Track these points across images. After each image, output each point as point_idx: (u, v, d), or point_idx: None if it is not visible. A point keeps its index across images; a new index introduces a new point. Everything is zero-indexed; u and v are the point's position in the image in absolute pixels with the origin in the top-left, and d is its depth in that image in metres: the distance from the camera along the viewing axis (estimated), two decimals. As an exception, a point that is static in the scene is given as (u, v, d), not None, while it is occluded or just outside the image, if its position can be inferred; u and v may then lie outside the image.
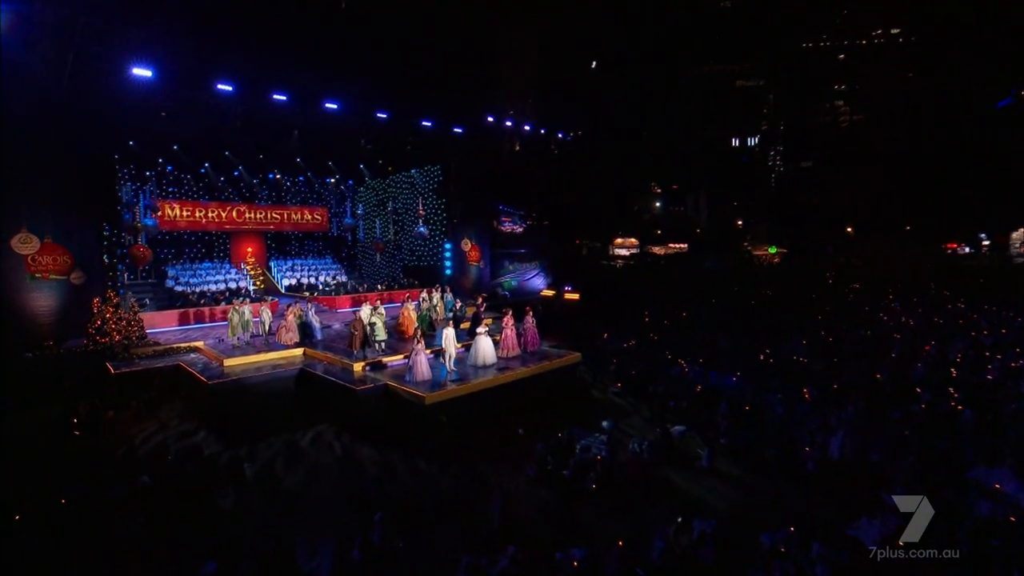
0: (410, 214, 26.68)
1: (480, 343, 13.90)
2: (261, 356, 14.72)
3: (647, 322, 24.51)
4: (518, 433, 11.53)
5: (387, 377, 12.87)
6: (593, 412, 13.88)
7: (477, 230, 26.38)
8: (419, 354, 12.50)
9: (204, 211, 24.70)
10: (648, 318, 25.17)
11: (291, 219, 27.56)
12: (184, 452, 10.71)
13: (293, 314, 16.05)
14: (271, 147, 20.08)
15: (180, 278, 23.08)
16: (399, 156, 24.44)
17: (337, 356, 14.33)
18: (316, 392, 13.50)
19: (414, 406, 11.64)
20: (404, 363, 14.07)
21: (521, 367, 13.91)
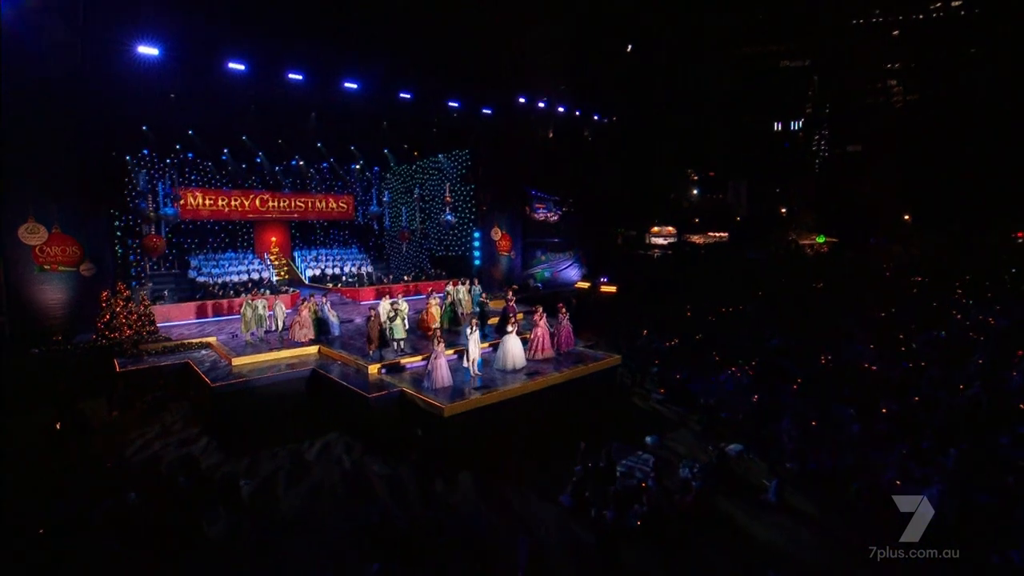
0: (437, 201, 25.38)
1: (508, 344, 12.47)
2: (272, 355, 13.69)
3: (689, 318, 22.68)
4: (550, 452, 10.07)
5: (404, 382, 11.60)
6: (634, 423, 12.33)
7: (508, 218, 24.90)
8: (439, 357, 11.17)
9: (227, 200, 23.99)
10: (690, 313, 23.31)
11: (315, 207, 26.67)
12: (179, 463, 9.71)
13: (308, 309, 14.98)
14: (289, 131, 19.04)
15: (203, 268, 22.47)
16: (425, 140, 23.10)
17: (352, 356, 13.16)
18: (328, 397, 12.37)
19: (431, 417, 10.32)
20: (424, 365, 12.81)
21: (553, 371, 12.42)
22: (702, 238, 54.49)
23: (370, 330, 12.83)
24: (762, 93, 79.07)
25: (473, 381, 11.65)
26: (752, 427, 11.72)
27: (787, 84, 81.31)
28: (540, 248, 27.07)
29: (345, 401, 11.58)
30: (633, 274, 30.16)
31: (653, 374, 15.06)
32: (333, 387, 12.01)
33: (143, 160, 21.08)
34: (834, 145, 79.91)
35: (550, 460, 9.91)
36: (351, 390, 11.24)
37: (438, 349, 11.19)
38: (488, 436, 10.47)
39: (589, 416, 12.09)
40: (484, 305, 15.88)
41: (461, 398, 10.58)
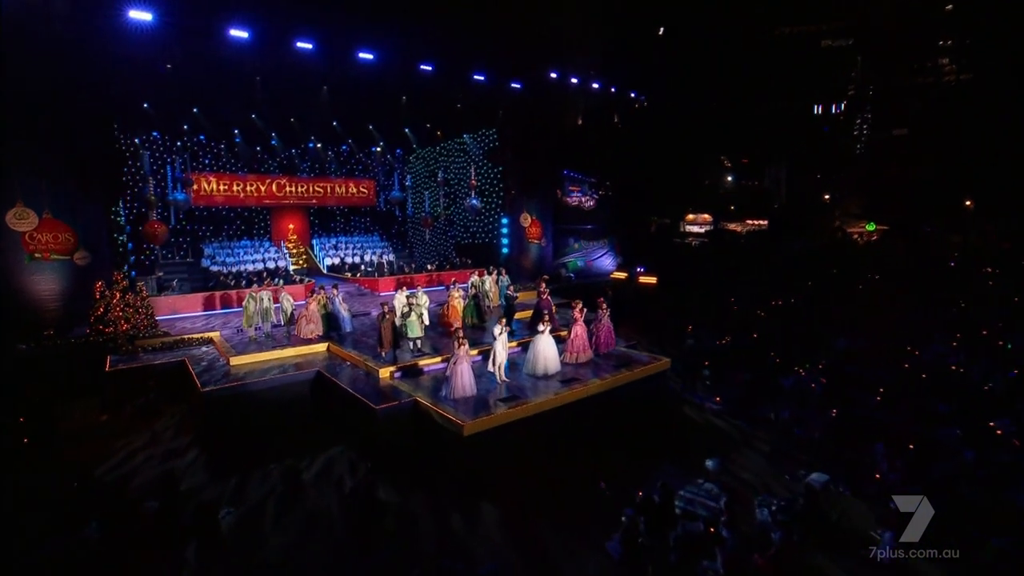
0: (462, 185, 23.67)
1: (540, 345, 10.72)
2: (275, 353, 12.27)
3: (735, 312, 20.50)
4: (592, 481, 8.31)
5: (420, 390, 9.99)
6: (689, 440, 10.46)
7: (538, 203, 23.01)
8: (461, 362, 9.49)
9: (242, 185, 22.81)
10: (736, 307, 21.09)
11: (335, 192, 25.30)
12: (156, 484, 8.33)
13: (316, 302, 13.51)
14: (301, 108, 17.57)
15: (217, 257, 21.38)
16: (448, 118, 21.31)
17: (362, 357, 11.62)
18: (333, 404, 10.85)
19: (449, 435, 8.66)
20: (444, 368, 11.17)
21: (593, 378, 10.62)
22: (740, 226, 51.51)
23: (382, 329, 11.24)
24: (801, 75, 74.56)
25: (499, 390, 9.96)
26: (834, 449, 9.72)
27: (828, 65, 76.50)
28: (573, 235, 25.13)
29: (351, 411, 10.03)
30: (671, 264, 27.97)
31: (704, 378, 13.09)
32: (338, 393, 10.48)
33: (152, 143, 19.98)
34: (878, 129, 74.96)
35: (592, 491, 8.16)
36: (357, 399, 9.66)
37: (459, 352, 9.51)
38: (517, 459, 8.76)
39: (636, 432, 10.25)
40: (512, 298, 14.12)
41: (485, 411, 8.88)
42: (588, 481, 8.47)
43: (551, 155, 23.13)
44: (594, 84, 23.93)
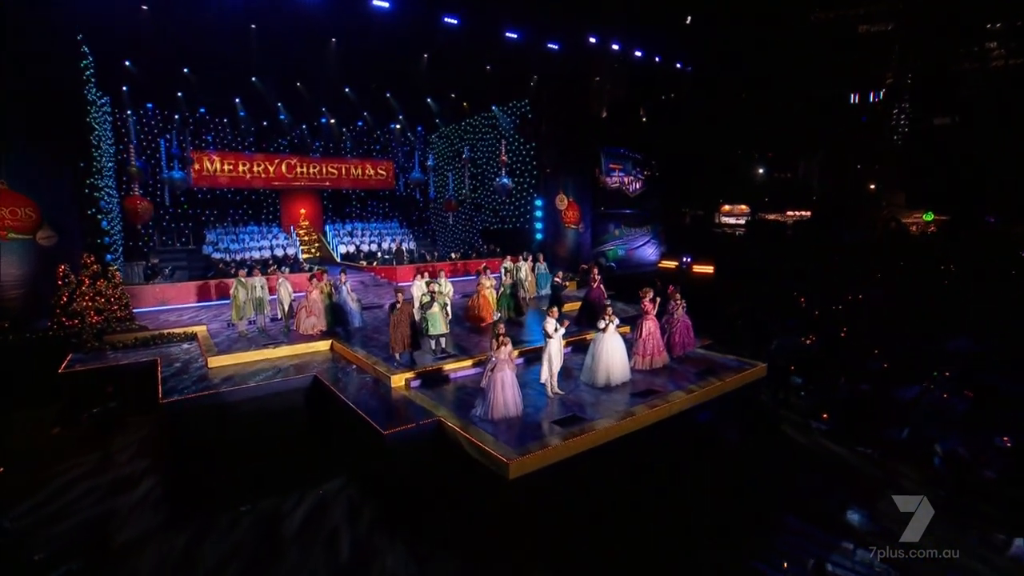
0: (491, 164, 21.12)
1: (606, 346, 8.10)
2: (265, 353, 9.90)
3: (804, 307, 17.70)
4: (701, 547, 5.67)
5: (444, 406, 7.45)
6: (809, 477, 7.72)
7: (575, 183, 20.29)
8: (501, 368, 6.92)
9: (248, 165, 20.67)
10: (804, 301, 18.25)
11: (350, 174, 23.01)
12: (80, 537, 5.99)
13: (318, 291, 11.11)
14: (306, 69, 15.17)
15: (220, 244, 19.29)
16: (475, 86, 18.65)
17: (371, 359, 9.15)
18: (332, 421, 8.41)
19: (487, 474, 6.09)
20: (476, 375, 8.66)
21: (675, 390, 7.94)
22: (782, 217, 48.15)
23: (395, 325, 8.71)
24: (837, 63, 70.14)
25: (550, 406, 7.36)
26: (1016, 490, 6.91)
27: (865, 52, 71.90)
28: (613, 221, 22.33)
29: (354, 432, 7.56)
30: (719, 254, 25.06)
31: (796, 388, 10.30)
32: (337, 407, 8.02)
33: (145, 115, 17.92)
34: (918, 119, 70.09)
35: (696, 558, 5.53)
36: (359, 417, 7.17)
37: (499, 355, 6.94)
38: (583, 509, 6.16)
39: (736, 465, 7.56)
40: (560, 287, 11.48)
41: (537, 440, 6.28)
42: (686, 542, 5.84)
43: (591, 129, 20.37)
44: (637, 52, 21.07)
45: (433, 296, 9.26)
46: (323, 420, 8.62)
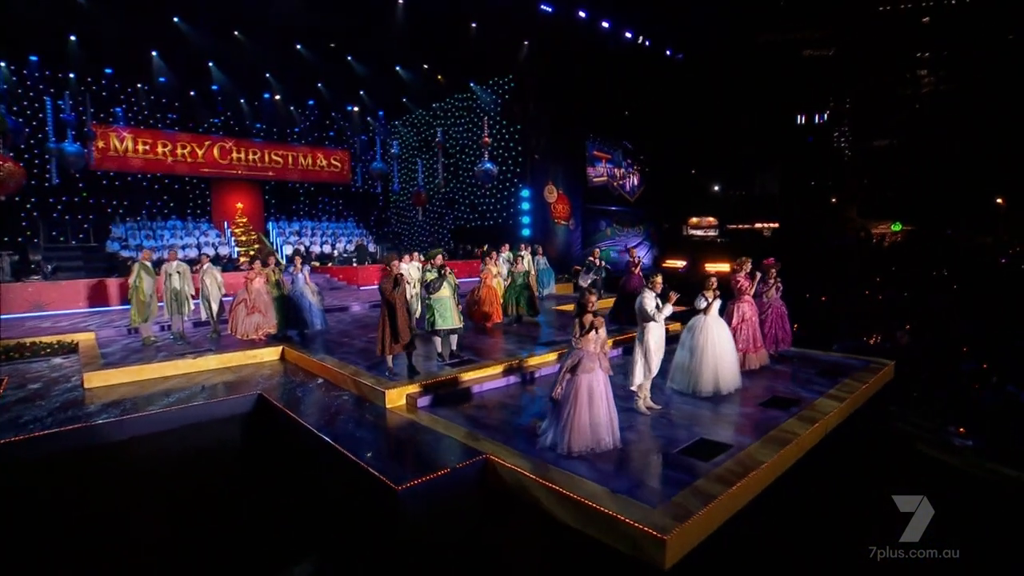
0: (467, 152, 18.42)
1: (712, 336, 5.50)
2: (176, 365, 6.62)
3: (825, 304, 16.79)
4: None
5: (480, 436, 4.52)
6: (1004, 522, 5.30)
7: (564, 174, 17.95)
8: (588, 369, 4.09)
9: (170, 145, 16.95)
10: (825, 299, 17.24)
11: (298, 164, 19.62)
12: None
13: (263, 279, 7.91)
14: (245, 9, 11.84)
15: (130, 240, 15.42)
16: (455, 50, 15.72)
17: (350, 370, 6.10)
18: (290, 464, 5.25)
19: (611, 563, 3.19)
20: (505, 386, 5.82)
21: (814, 396, 5.36)
22: (751, 227, 48.37)
23: (390, 312, 5.73)
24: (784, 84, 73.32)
25: (648, 426, 4.60)
26: None
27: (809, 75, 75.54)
28: (604, 218, 20.02)
29: (333, 484, 4.47)
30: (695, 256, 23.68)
31: (934, 399, 8.05)
32: (301, 443, 4.89)
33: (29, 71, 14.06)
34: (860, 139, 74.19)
35: None
36: (341, 461, 4.10)
37: (586, 345, 4.12)
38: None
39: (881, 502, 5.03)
40: (603, 270, 8.73)
41: (683, 490, 3.45)
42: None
43: (582, 113, 18.13)
44: (627, 33, 19.17)
45: (442, 273, 6.33)
46: (274, 464, 5.43)
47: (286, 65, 15.02)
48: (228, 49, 13.33)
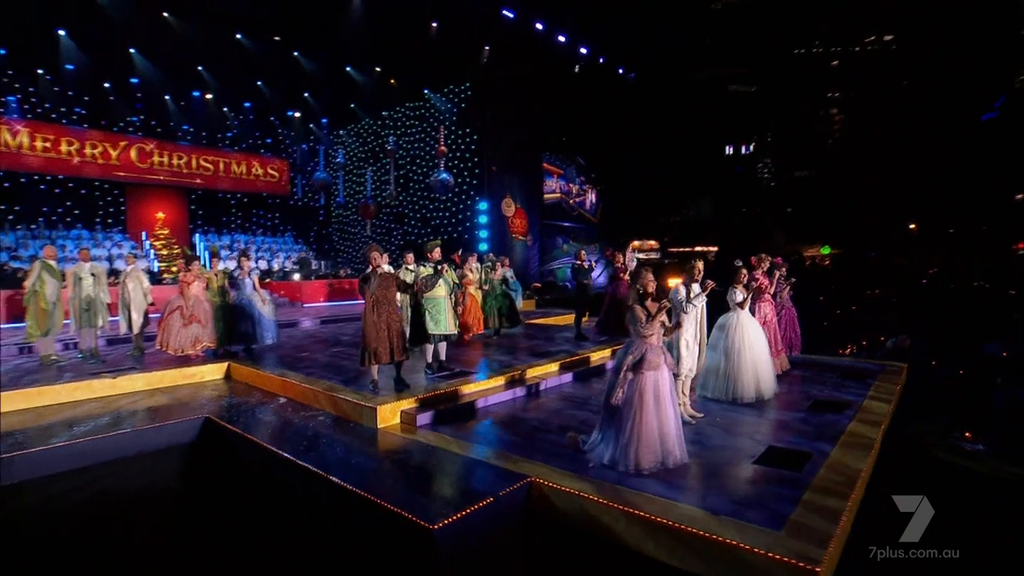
0: (419, 163, 17.52)
1: (748, 335, 4.95)
2: (91, 387, 5.23)
3: None
4: None
5: (501, 454, 3.62)
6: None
7: (522, 187, 17.45)
8: (653, 365, 3.34)
9: (76, 143, 14.84)
10: None
11: (231, 172, 17.86)
12: None
13: (203, 282, 6.64)
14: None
15: (21, 251, 13.18)
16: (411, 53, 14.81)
17: (322, 386, 5.03)
18: (259, 500, 4.07)
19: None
20: (512, 399, 4.99)
21: (855, 398, 4.91)
22: (691, 251, 50.42)
23: (379, 318, 4.75)
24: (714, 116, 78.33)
25: (698, 435, 3.90)
26: None
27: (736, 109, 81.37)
28: (561, 235, 19.62)
29: (332, 528, 3.38)
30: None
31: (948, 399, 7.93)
32: (277, 475, 3.77)
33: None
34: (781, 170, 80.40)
35: None
36: (354, 497, 3.06)
37: (648, 336, 3.36)
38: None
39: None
40: (583, 271, 8.02)
41: (820, 516, 2.75)
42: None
43: (539, 125, 17.82)
44: (582, 49, 19.29)
45: (439, 270, 5.44)
46: (233, 505, 4.22)
47: (223, 58, 13.53)
48: (155, 34, 11.77)
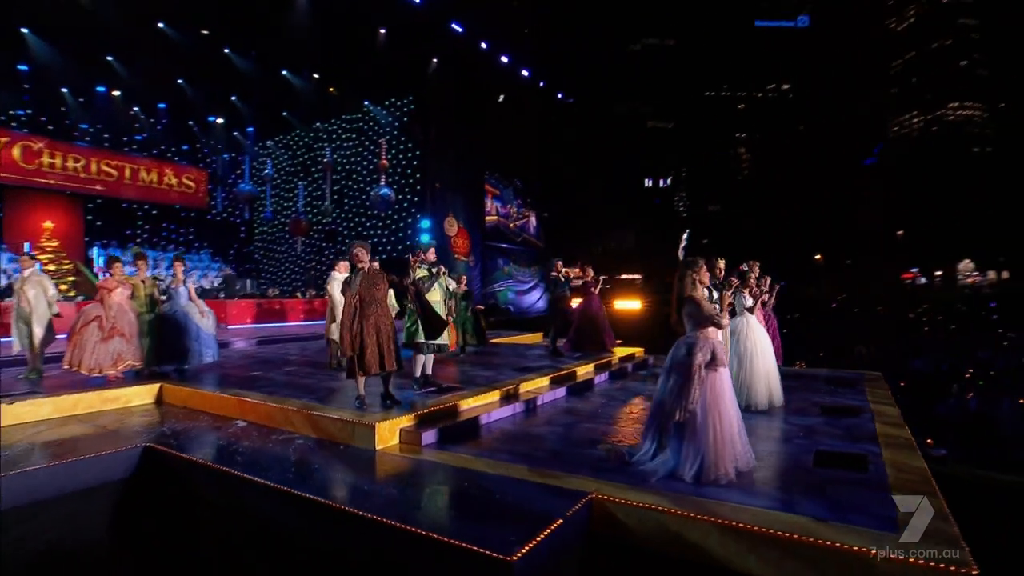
0: (356, 177, 16.64)
1: (758, 340, 4.81)
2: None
3: None
4: None
5: (561, 473, 3.14)
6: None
7: (465, 206, 17.09)
8: (724, 362, 3.05)
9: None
10: None
11: (138, 179, 15.94)
12: None
13: (128, 289, 5.61)
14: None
15: None
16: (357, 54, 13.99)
17: (295, 405, 4.25)
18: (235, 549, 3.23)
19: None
20: (512, 416, 4.58)
21: (859, 404, 4.94)
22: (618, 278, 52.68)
23: (366, 308, 4.13)
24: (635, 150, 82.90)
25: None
26: None
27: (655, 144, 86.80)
28: (502, 256, 19.30)
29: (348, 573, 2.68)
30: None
31: None
32: (260, 510, 2.99)
33: None
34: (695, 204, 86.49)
35: None
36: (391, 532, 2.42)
37: (711, 339, 3.08)
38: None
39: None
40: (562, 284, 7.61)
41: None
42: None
43: (481, 144, 17.64)
44: (524, 71, 19.59)
45: (435, 271, 4.88)
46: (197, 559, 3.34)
47: (140, 48, 12.03)
48: (56, 11, 10.18)
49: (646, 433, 3.26)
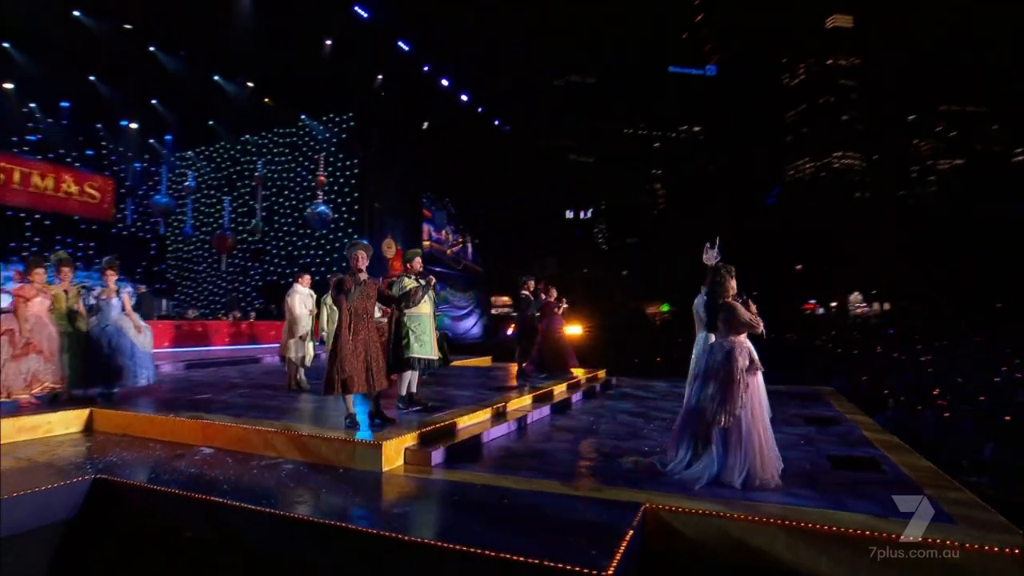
0: (287, 194, 15.72)
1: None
2: None
3: None
4: None
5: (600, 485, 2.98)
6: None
7: (404, 228, 16.64)
8: (759, 365, 3.06)
9: None
10: None
11: (29, 184, 13.97)
12: None
13: (47, 298, 4.82)
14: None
15: None
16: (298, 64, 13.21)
17: (277, 426, 3.76)
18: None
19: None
20: (507, 434, 4.41)
21: (835, 415, 5.21)
22: None
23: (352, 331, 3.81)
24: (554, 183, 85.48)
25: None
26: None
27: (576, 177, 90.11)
28: (439, 281, 18.81)
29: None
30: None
31: None
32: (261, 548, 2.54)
33: None
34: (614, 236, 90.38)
35: None
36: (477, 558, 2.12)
37: (745, 341, 3.11)
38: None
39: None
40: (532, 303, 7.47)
41: (964, 508, 2.62)
42: None
43: (420, 167, 17.40)
44: (463, 96, 19.72)
45: (424, 282, 4.60)
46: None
47: (45, 38, 10.67)
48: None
49: (679, 442, 3.18)
